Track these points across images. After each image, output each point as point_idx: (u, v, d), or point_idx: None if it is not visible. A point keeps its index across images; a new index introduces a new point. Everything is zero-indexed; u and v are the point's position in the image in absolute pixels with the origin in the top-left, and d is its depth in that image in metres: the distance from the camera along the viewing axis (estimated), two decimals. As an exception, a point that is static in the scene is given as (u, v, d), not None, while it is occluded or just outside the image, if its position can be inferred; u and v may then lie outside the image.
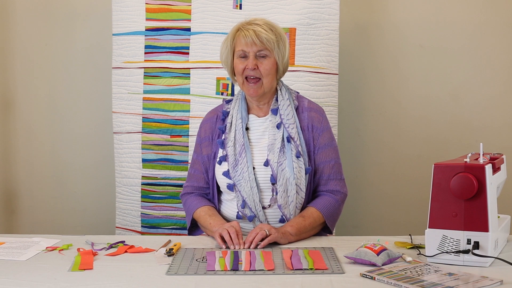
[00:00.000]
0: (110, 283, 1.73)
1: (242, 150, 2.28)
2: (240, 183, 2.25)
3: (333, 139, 2.37)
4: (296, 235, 2.16)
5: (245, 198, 2.25)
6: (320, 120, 2.34)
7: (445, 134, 3.34)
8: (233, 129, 2.32)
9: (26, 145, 3.45)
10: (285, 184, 2.22)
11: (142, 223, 2.99)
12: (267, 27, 2.27)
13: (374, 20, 3.32)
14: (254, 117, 2.36)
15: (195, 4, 2.95)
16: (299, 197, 2.24)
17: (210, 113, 2.47)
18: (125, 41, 2.97)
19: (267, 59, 2.27)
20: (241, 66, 2.28)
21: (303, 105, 2.35)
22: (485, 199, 1.82)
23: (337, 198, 2.29)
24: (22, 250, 2.05)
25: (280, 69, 2.32)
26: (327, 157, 2.31)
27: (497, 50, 3.31)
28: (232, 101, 2.40)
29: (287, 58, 2.33)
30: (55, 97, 3.43)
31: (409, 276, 1.73)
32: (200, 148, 2.41)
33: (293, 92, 2.38)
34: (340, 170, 2.34)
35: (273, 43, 2.26)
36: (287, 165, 2.23)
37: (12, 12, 3.38)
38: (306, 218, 2.21)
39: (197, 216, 2.32)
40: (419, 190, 3.22)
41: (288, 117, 2.29)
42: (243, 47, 2.27)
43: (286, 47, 2.31)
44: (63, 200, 3.47)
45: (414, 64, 3.33)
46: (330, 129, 2.37)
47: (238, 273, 1.80)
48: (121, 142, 3.00)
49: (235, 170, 2.27)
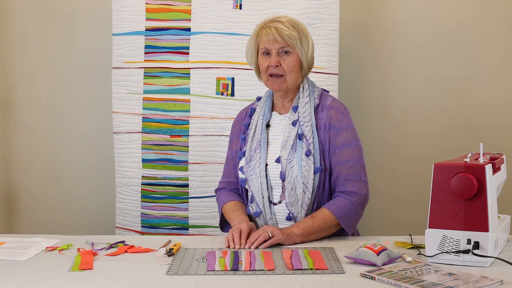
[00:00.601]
0: (110, 283, 1.73)
1: (258, 146, 2.31)
2: (252, 178, 2.28)
3: (354, 139, 2.28)
4: (303, 236, 2.14)
5: (254, 193, 2.27)
6: (339, 119, 2.28)
7: (445, 134, 3.34)
8: (254, 125, 2.36)
9: (26, 145, 3.45)
10: (292, 182, 2.22)
11: (142, 223, 2.99)
12: (290, 24, 2.27)
13: (374, 20, 3.32)
14: (276, 114, 2.37)
15: (195, 4, 2.95)
16: (305, 196, 2.22)
17: (243, 110, 2.51)
18: (125, 41, 2.97)
19: (289, 56, 2.27)
20: (265, 64, 2.29)
21: (324, 104, 2.32)
22: (485, 199, 1.82)
23: (353, 200, 2.22)
24: (22, 250, 2.05)
25: (304, 65, 2.31)
26: (345, 157, 2.25)
27: (497, 50, 3.31)
28: (262, 98, 2.43)
29: (311, 55, 2.32)
30: (55, 97, 3.43)
31: (409, 276, 1.73)
32: (231, 144, 2.47)
33: (317, 90, 2.35)
34: (359, 171, 2.25)
35: (295, 39, 2.25)
36: (296, 163, 2.23)
37: (12, 12, 3.38)
38: (315, 220, 2.18)
39: (224, 211, 2.37)
40: (419, 190, 3.22)
41: (305, 114, 2.28)
42: (265, 45, 2.28)
43: (309, 43, 2.30)
44: (63, 200, 3.47)
45: (414, 64, 3.33)
46: (352, 129, 2.29)
47: (238, 273, 1.80)
48: (121, 142, 3.00)
49: (248, 165, 2.30)
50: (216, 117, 2.95)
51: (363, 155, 2.31)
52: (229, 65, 2.95)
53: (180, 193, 2.97)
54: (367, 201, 2.28)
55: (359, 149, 2.29)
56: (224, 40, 2.94)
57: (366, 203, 2.27)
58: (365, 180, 2.27)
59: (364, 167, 2.29)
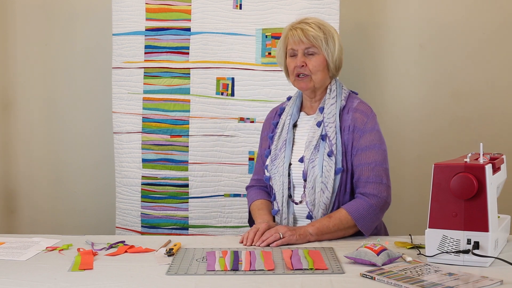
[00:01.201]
0: (110, 283, 1.73)
1: (283, 145, 2.34)
2: (275, 177, 2.32)
3: (378, 142, 2.27)
4: (317, 235, 2.15)
5: (275, 192, 2.32)
6: (364, 121, 2.28)
7: (445, 134, 3.34)
8: (282, 125, 2.39)
9: (26, 145, 3.45)
10: (313, 182, 2.24)
11: (142, 223, 2.99)
12: (316, 25, 2.29)
13: (374, 20, 3.32)
14: (304, 114, 2.39)
15: (195, 4, 2.95)
16: (324, 196, 2.23)
17: (273, 109, 2.54)
18: (125, 41, 2.97)
19: (315, 57, 2.29)
20: (292, 64, 2.32)
21: (350, 106, 2.32)
22: (485, 199, 1.82)
23: (371, 202, 2.21)
24: (22, 250, 2.05)
25: (331, 66, 2.32)
26: (367, 159, 2.24)
27: (497, 50, 3.31)
28: (291, 98, 2.46)
29: (337, 56, 2.32)
30: (55, 97, 3.43)
31: (409, 276, 1.73)
32: (261, 142, 2.51)
33: (344, 92, 2.36)
34: (381, 174, 2.24)
35: (320, 40, 2.27)
36: (317, 163, 2.24)
37: (12, 12, 3.38)
38: (331, 219, 2.18)
39: (251, 210, 2.42)
40: (419, 190, 3.22)
41: (329, 116, 2.29)
42: (292, 46, 2.31)
43: (336, 44, 2.31)
44: (63, 200, 3.47)
45: (414, 64, 3.33)
46: (376, 132, 2.29)
47: (238, 273, 1.80)
48: (121, 142, 3.00)
49: (273, 164, 2.35)
50: (216, 117, 2.96)
51: (387, 159, 2.30)
52: (229, 65, 2.95)
53: (180, 193, 2.97)
54: (388, 205, 2.26)
55: (383, 153, 2.28)
56: (224, 40, 2.94)
57: (386, 207, 2.26)
58: (386, 183, 2.25)
59: (387, 170, 2.28)
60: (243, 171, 2.96)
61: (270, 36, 2.93)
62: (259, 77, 2.94)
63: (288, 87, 2.93)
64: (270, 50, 2.94)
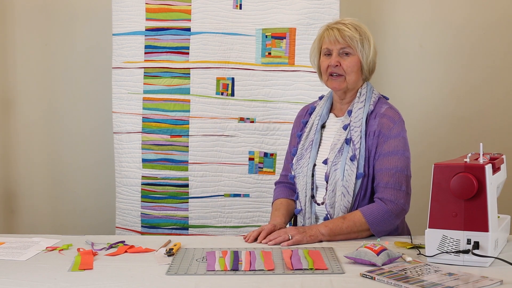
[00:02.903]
0: (110, 283, 1.73)
1: (309, 146, 2.36)
2: (299, 176, 2.34)
3: (402, 149, 2.25)
4: (329, 236, 2.15)
5: (298, 191, 2.34)
6: (390, 127, 2.26)
7: (445, 134, 3.34)
8: (311, 124, 2.40)
9: (26, 145, 3.45)
10: (334, 184, 2.25)
11: (142, 223, 2.99)
12: (352, 26, 2.30)
13: (374, 20, 3.32)
14: (333, 116, 2.39)
15: (195, 4, 2.95)
16: (344, 200, 2.23)
17: (305, 107, 2.54)
18: (125, 41, 2.97)
19: (350, 57, 2.30)
20: (325, 63, 2.32)
21: (378, 111, 2.31)
22: (485, 199, 1.82)
23: (388, 207, 2.19)
24: (22, 250, 2.05)
25: (365, 68, 2.32)
26: (389, 164, 2.22)
27: (497, 50, 3.31)
28: (323, 98, 2.46)
29: (372, 58, 2.33)
30: (55, 97, 3.43)
31: (409, 276, 1.73)
32: (290, 139, 2.53)
33: (374, 96, 2.35)
34: (401, 181, 2.21)
35: (356, 41, 2.28)
36: (340, 166, 2.24)
37: (12, 12, 3.38)
38: (345, 221, 2.18)
39: (272, 207, 2.46)
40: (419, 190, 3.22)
41: (356, 120, 2.28)
42: (327, 45, 2.32)
43: (371, 47, 2.31)
44: (63, 200, 3.47)
45: (414, 64, 3.33)
46: (401, 139, 2.26)
47: (238, 273, 1.80)
48: (121, 142, 3.00)
49: (298, 164, 2.37)
50: (216, 117, 2.96)
51: (410, 167, 2.28)
52: (229, 65, 2.95)
53: (180, 193, 2.97)
54: (405, 212, 2.25)
55: (405, 160, 2.26)
56: (224, 40, 2.94)
57: (403, 214, 2.24)
58: (406, 190, 2.23)
59: (408, 177, 2.25)
60: (243, 171, 2.96)
61: (270, 36, 2.93)
62: (259, 77, 2.94)
63: (288, 87, 2.94)
64: (270, 50, 2.94)
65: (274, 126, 2.95)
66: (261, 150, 2.96)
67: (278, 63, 2.94)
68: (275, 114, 2.95)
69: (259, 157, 2.96)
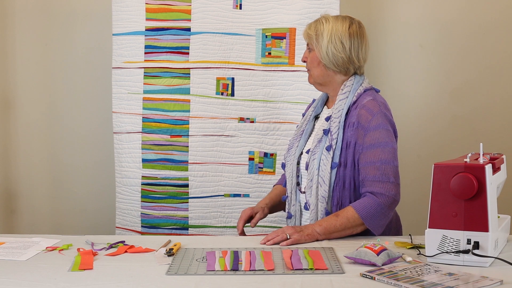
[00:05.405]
0: (110, 283, 1.73)
1: (299, 135, 2.43)
2: (287, 164, 2.43)
3: (384, 140, 2.23)
4: (325, 234, 2.16)
5: (286, 179, 2.43)
6: (368, 119, 2.24)
7: (445, 134, 3.34)
8: (306, 116, 2.47)
9: (26, 145, 3.45)
10: (311, 173, 2.29)
11: (142, 223, 2.99)
12: (315, 23, 2.36)
13: (374, 20, 3.32)
14: (326, 108, 2.45)
15: (195, 4, 2.95)
16: (321, 189, 2.26)
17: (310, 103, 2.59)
18: (125, 41, 2.97)
19: (312, 52, 2.37)
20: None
21: (360, 102, 2.30)
22: (485, 199, 1.82)
23: (379, 200, 2.19)
24: (22, 250, 2.05)
25: (325, 62, 2.32)
26: (373, 157, 2.22)
27: (497, 50, 3.31)
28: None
29: (331, 51, 2.29)
30: (55, 97, 3.43)
31: (409, 276, 1.73)
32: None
33: (361, 88, 2.34)
34: (388, 173, 2.21)
35: (311, 38, 2.35)
36: (317, 156, 2.29)
37: (12, 12, 3.38)
38: (338, 218, 2.18)
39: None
40: (419, 190, 3.22)
41: (336, 111, 2.31)
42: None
43: (324, 41, 2.31)
44: (63, 200, 3.47)
45: (414, 64, 3.33)
46: (382, 130, 2.24)
47: (238, 273, 1.80)
48: (121, 142, 3.00)
49: (288, 152, 2.45)
50: (216, 117, 2.96)
51: (396, 157, 2.27)
52: (229, 65, 2.95)
53: (180, 193, 2.97)
54: (397, 203, 2.25)
55: (390, 150, 2.24)
56: (224, 40, 2.94)
57: (395, 205, 2.25)
58: (394, 181, 2.23)
59: (395, 168, 2.25)
60: (243, 171, 2.96)
61: (270, 36, 2.94)
62: (259, 77, 2.94)
63: (288, 87, 2.95)
64: (270, 50, 2.94)
65: (274, 126, 2.96)
66: (261, 150, 2.96)
67: (278, 63, 2.94)
68: (275, 114, 2.96)
69: (259, 157, 2.96)
